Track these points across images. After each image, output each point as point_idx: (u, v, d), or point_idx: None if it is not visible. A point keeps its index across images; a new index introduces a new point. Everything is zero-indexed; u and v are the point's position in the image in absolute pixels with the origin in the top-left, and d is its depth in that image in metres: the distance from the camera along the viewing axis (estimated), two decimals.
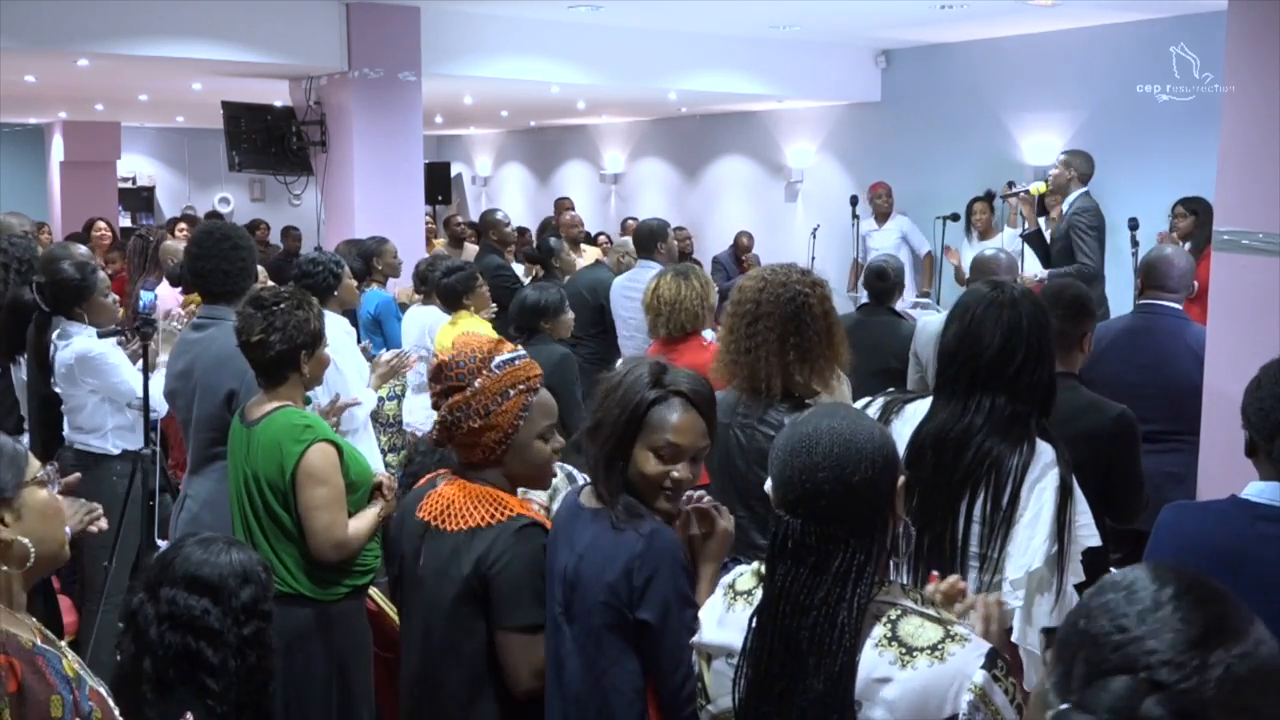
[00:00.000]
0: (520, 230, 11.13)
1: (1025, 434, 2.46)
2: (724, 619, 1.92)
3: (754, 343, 2.99)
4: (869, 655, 1.73)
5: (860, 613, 1.73)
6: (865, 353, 3.57)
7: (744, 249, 11.31)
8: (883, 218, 9.86)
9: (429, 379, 2.54)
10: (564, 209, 11.08)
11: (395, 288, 7.23)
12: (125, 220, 15.43)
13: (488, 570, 2.34)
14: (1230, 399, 2.65)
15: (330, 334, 3.40)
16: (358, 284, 5.70)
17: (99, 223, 10.12)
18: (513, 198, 16.34)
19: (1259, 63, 3.75)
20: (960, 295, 2.69)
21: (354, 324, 5.73)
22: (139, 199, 16.68)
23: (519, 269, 8.52)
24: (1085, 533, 2.48)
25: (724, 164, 13.01)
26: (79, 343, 4.32)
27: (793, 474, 1.76)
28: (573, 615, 2.25)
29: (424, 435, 4.69)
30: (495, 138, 17.30)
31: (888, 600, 1.78)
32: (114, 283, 5.05)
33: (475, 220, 11.58)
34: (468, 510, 2.40)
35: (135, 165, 16.66)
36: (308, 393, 3.37)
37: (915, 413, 2.60)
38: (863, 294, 5.82)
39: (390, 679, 3.05)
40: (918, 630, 1.74)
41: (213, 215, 14.60)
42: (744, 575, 1.97)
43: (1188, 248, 5.99)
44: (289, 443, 3.04)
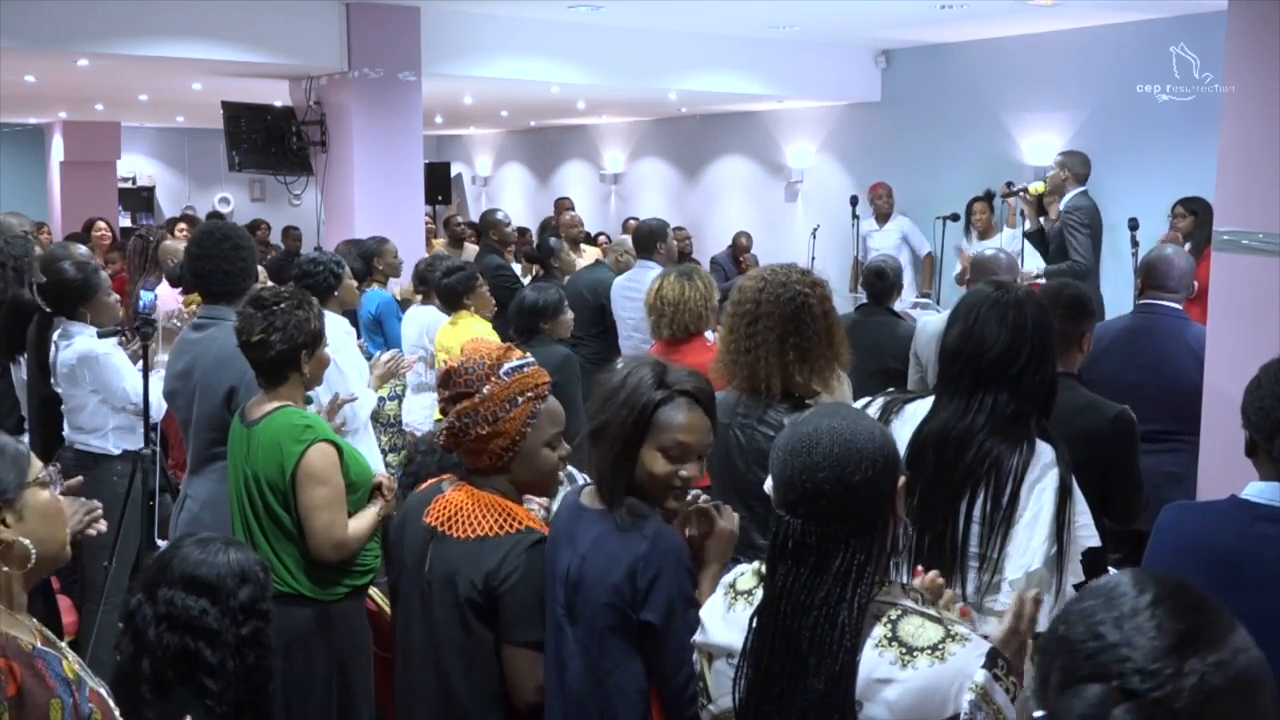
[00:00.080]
0: (520, 230, 11.12)
1: (1025, 434, 2.46)
2: (725, 619, 1.93)
3: (754, 343, 2.99)
4: (869, 655, 1.73)
5: (860, 613, 1.73)
6: (863, 353, 3.57)
7: (742, 249, 11.28)
8: (883, 218, 9.87)
9: (437, 384, 2.54)
10: (564, 209, 11.07)
11: (395, 287, 7.23)
12: (125, 220, 15.42)
13: (499, 585, 2.34)
14: (1230, 399, 2.65)
15: (330, 334, 3.40)
16: (358, 284, 5.69)
17: (99, 223, 10.11)
18: (513, 198, 16.33)
19: (1259, 63, 3.75)
20: (963, 295, 2.69)
21: (354, 324, 5.73)
22: (139, 199, 16.67)
23: (519, 269, 8.51)
24: (1085, 533, 2.48)
25: (724, 164, 13.00)
26: (81, 343, 4.32)
27: (793, 474, 1.77)
28: (575, 616, 2.24)
29: (424, 435, 4.69)
30: (495, 138, 17.29)
31: (888, 600, 1.79)
32: (114, 283, 5.05)
33: (475, 220, 11.58)
34: (477, 518, 2.40)
35: (135, 165, 16.65)
36: (309, 393, 3.37)
37: (915, 413, 2.60)
38: (864, 294, 5.82)
39: (390, 679, 3.05)
40: (918, 630, 1.74)
41: (214, 215, 14.61)
42: (744, 575, 1.97)
43: (1188, 248, 5.98)
44: (289, 443, 3.04)
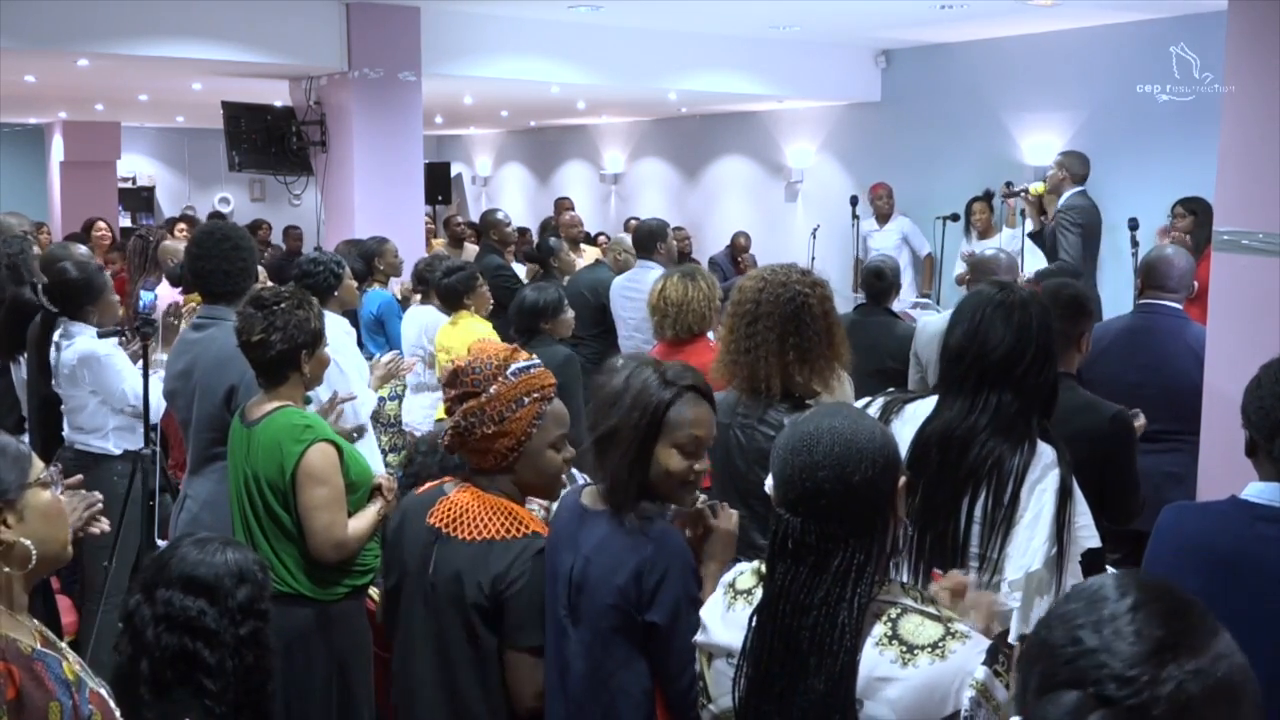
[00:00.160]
0: (520, 230, 11.12)
1: (1027, 434, 2.46)
2: (724, 618, 1.93)
3: (753, 343, 2.99)
4: (870, 654, 1.73)
5: (860, 612, 1.73)
6: (861, 353, 3.57)
7: (741, 249, 11.27)
8: (883, 219, 9.87)
9: (444, 383, 2.54)
10: (564, 209, 11.07)
11: (396, 286, 7.23)
12: (125, 220, 15.43)
13: (505, 589, 2.34)
14: (1230, 399, 2.65)
15: (330, 334, 3.39)
16: (359, 284, 5.69)
17: (99, 223, 10.11)
18: (513, 198, 16.33)
19: (1259, 63, 3.75)
20: (966, 295, 2.69)
21: (355, 324, 5.73)
22: (139, 199, 16.68)
23: (519, 269, 8.51)
24: (1085, 534, 2.47)
25: (724, 164, 13.00)
26: (82, 343, 4.32)
27: (793, 473, 1.77)
28: (579, 618, 2.24)
29: (424, 435, 4.69)
30: (495, 138, 17.29)
31: (888, 599, 1.79)
32: (114, 283, 5.05)
33: (475, 220, 11.58)
34: (483, 520, 2.40)
35: (135, 165, 16.65)
36: (309, 392, 3.37)
37: (915, 413, 2.60)
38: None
39: (390, 679, 3.05)
40: (918, 628, 1.74)
41: (214, 215, 14.61)
42: (744, 574, 1.97)
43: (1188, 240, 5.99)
44: (289, 443, 3.04)
